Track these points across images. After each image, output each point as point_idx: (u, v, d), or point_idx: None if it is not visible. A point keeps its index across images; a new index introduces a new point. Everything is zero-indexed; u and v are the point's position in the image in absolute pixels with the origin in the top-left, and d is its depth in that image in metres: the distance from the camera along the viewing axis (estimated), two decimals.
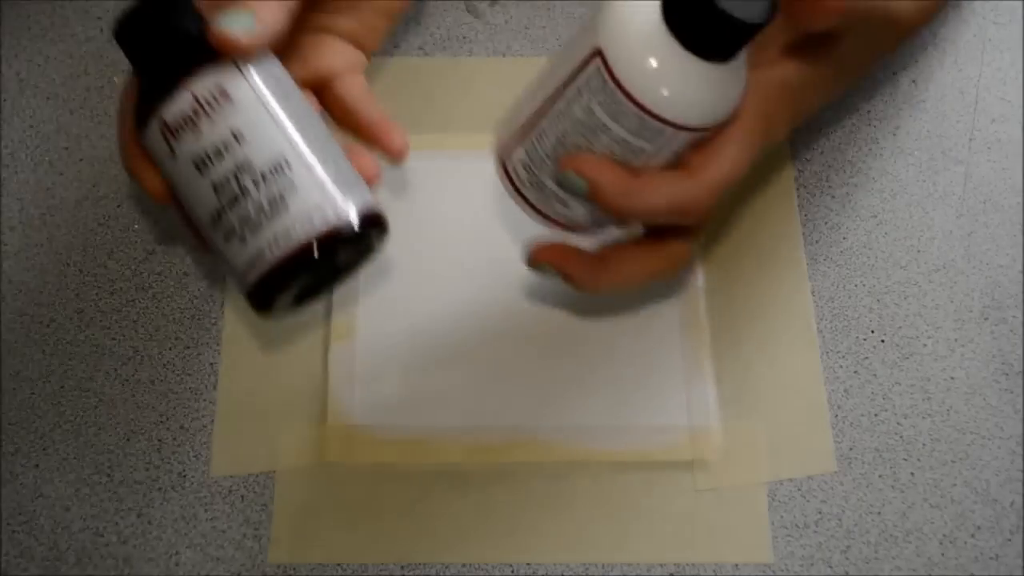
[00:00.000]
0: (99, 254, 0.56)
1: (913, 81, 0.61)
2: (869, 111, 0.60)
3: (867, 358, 0.55)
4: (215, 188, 0.41)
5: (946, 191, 0.58)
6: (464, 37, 0.61)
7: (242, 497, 0.52)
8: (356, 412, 0.53)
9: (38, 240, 0.56)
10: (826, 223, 0.58)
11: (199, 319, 0.55)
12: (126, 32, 0.43)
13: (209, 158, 0.41)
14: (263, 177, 0.41)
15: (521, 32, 0.61)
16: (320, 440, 0.52)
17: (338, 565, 0.50)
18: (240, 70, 0.42)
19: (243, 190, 0.41)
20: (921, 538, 0.51)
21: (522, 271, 0.55)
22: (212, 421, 0.53)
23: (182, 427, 0.53)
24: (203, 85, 0.41)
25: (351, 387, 0.53)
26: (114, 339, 0.55)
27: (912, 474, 0.53)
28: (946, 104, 0.60)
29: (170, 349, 0.54)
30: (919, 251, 0.57)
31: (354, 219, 0.41)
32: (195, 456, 0.52)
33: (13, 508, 0.51)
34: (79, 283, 0.56)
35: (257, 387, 0.53)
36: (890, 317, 0.56)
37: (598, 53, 0.40)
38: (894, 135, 0.60)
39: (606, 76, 0.40)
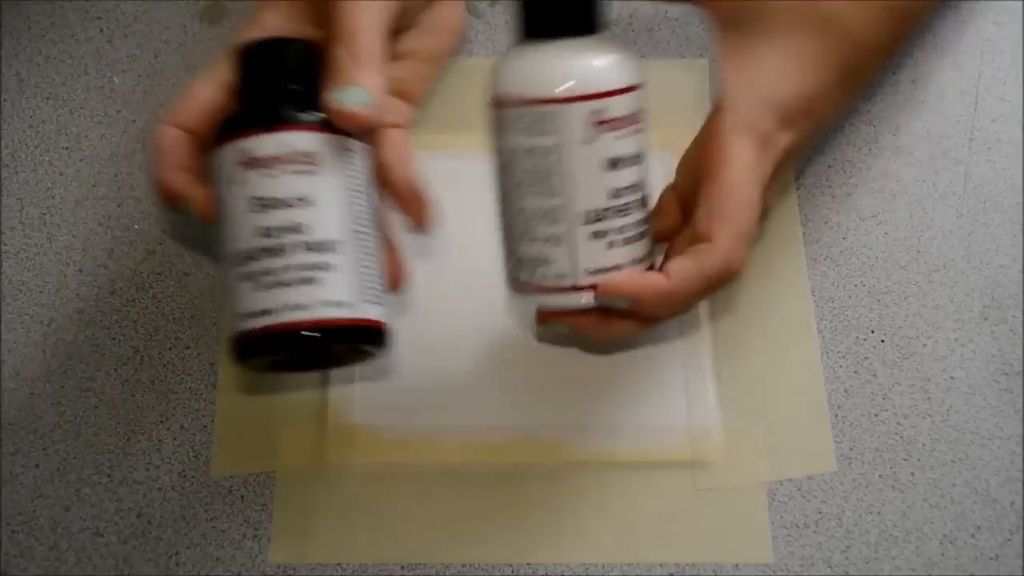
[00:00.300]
0: (99, 254, 0.56)
1: (913, 81, 0.61)
2: (869, 111, 0.60)
3: (867, 358, 0.55)
4: (261, 231, 0.42)
5: (946, 191, 0.58)
6: (464, 37, 0.61)
7: (242, 497, 0.52)
8: (356, 412, 0.53)
9: (38, 240, 0.56)
10: (826, 223, 0.58)
11: (199, 319, 0.55)
12: (256, 56, 0.44)
13: (272, 204, 0.42)
14: (310, 246, 0.42)
15: None
16: (320, 440, 0.52)
17: (338, 565, 0.50)
18: (335, 142, 0.43)
19: (287, 247, 0.41)
20: (921, 538, 0.51)
21: None
22: (212, 421, 0.53)
23: (182, 427, 0.53)
24: (300, 141, 0.42)
25: (351, 387, 0.53)
26: (114, 339, 0.54)
27: (912, 474, 0.53)
28: (946, 104, 0.60)
29: (170, 349, 0.54)
30: (919, 251, 0.57)
31: (369, 328, 0.43)
32: (195, 456, 0.52)
33: (13, 508, 0.51)
34: (79, 283, 0.56)
35: (257, 387, 0.53)
36: (890, 317, 0.56)
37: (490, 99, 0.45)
38: (894, 135, 0.60)
39: (497, 104, 0.45)
